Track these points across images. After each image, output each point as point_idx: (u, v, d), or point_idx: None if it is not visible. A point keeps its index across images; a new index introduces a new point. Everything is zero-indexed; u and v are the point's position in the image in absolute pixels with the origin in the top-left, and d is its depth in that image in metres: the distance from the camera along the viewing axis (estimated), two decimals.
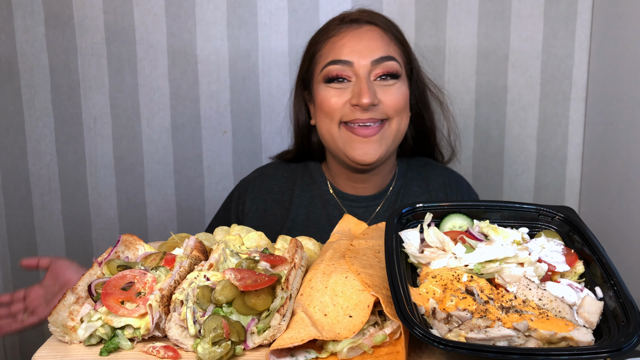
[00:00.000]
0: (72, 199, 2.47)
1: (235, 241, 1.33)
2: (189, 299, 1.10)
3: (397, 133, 1.71)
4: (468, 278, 1.09)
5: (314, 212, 1.80)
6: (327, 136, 1.72)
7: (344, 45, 1.67)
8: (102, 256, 1.29)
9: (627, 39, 2.03)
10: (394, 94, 1.67)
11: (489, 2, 2.28)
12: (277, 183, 1.85)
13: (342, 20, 1.73)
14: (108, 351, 1.10)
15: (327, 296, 1.14)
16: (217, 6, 2.32)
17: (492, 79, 2.34)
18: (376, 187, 1.81)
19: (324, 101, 1.69)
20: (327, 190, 1.83)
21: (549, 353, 0.93)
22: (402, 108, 1.70)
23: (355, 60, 1.65)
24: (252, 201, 1.84)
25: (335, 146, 1.72)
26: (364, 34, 1.69)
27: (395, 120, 1.69)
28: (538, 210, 1.31)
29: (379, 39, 1.69)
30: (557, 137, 2.37)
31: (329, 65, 1.68)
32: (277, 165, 1.92)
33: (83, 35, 2.35)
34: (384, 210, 1.79)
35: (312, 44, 1.77)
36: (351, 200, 1.81)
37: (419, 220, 1.30)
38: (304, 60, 1.81)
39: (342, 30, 1.71)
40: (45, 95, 2.39)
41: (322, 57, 1.72)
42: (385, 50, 1.68)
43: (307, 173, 1.86)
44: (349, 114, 1.66)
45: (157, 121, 2.42)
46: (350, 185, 1.81)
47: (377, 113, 1.66)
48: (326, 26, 1.76)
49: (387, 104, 1.66)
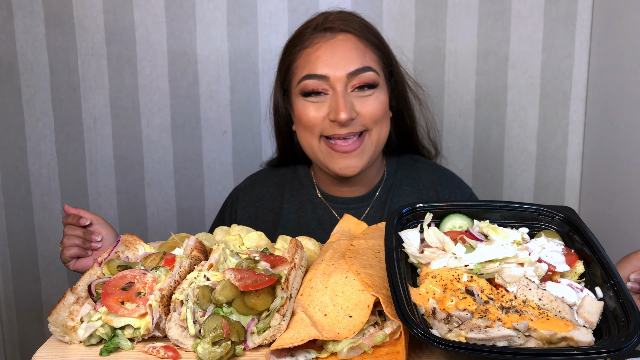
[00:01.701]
0: (72, 199, 2.47)
1: (235, 241, 1.33)
2: (189, 299, 1.10)
3: (377, 142, 1.70)
4: (468, 278, 1.09)
5: (304, 217, 1.81)
6: (308, 148, 1.72)
7: (319, 58, 1.63)
8: (102, 256, 1.29)
9: (627, 39, 2.03)
10: (371, 105, 1.65)
11: (489, 2, 2.28)
12: (267, 190, 1.86)
13: (316, 28, 1.69)
14: (108, 351, 1.10)
15: (327, 296, 1.14)
16: (217, 6, 2.32)
17: (492, 79, 2.34)
18: (364, 188, 1.81)
19: (302, 115, 1.67)
20: (315, 194, 1.83)
21: (549, 353, 0.93)
22: (381, 117, 1.68)
23: (331, 73, 1.62)
24: (243, 209, 1.85)
25: (316, 158, 1.72)
26: (338, 45, 1.65)
27: (375, 130, 1.68)
28: (538, 210, 1.31)
29: (354, 49, 1.65)
30: (557, 137, 2.37)
31: (304, 80, 1.65)
32: (267, 172, 1.92)
33: (83, 35, 2.35)
34: (374, 211, 1.79)
35: (287, 53, 1.73)
36: (340, 203, 1.80)
37: (419, 220, 1.30)
38: (280, 68, 1.77)
39: (316, 41, 1.66)
40: (45, 95, 2.39)
41: (297, 68, 1.69)
42: (361, 61, 1.64)
43: (295, 178, 1.87)
44: (328, 128, 1.65)
45: (157, 121, 2.42)
46: (337, 189, 1.81)
47: (356, 126, 1.65)
48: (300, 33, 1.71)
49: (365, 116, 1.65)
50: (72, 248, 1.55)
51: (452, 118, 2.38)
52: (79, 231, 1.56)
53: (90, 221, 1.57)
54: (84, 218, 1.57)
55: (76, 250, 1.55)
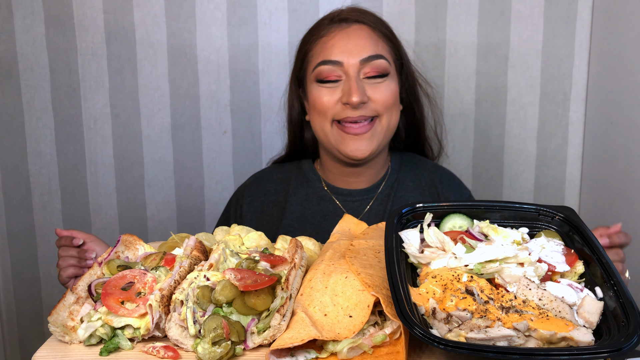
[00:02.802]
0: (72, 199, 2.47)
1: (235, 241, 1.33)
2: (189, 299, 1.10)
3: (387, 129, 1.76)
4: (468, 278, 1.09)
5: (309, 209, 1.84)
6: (321, 133, 1.78)
7: (334, 45, 1.72)
8: (102, 256, 1.29)
9: (627, 39, 2.03)
10: (383, 91, 1.71)
11: (489, 2, 2.28)
12: (273, 185, 1.90)
13: (332, 19, 1.77)
14: (108, 351, 1.10)
15: (327, 296, 1.14)
16: (217, 6, 2.32)
17: (492, 79, 2.34)
18: (369, 180, 1.85)
19: (316, 100, 1.74)
20: (321, 187, 1.87)
21: (549, 353, 0.93)
22: (392, 104, 1.74)
23: (345, 59, 1.69)
24: (249, 204, 1.88)
25: (328, 142, 1.77)
26: (352, 34, 1.73)
27: (386, 116, 1.74)
28: (538, 210, 1.31)
29: (367, 37, 1.73)
30: (557, 137, 2.37)
31: (320, 66, 1.72)
32: (272, 168, 1.97)
33: (83, 35, 2.35)
34: (378, 204, 1.83)
35: (304, 43, 1.82)
36: (345, 195, 1.84)
37: (419, 220, 1.30)
38: (296, 59, 1.85)
39: (332, 30, 1.75)
40: (45, 95, 2.39)
41: (313, 56, 1.76)
42: (374, 49, 1.71)
43: (300, 173, 1.91)
44: (340, 112, 1.71)
45: (157, 121, 2.42)
46: (343, 180, 1.86)
47: (368, 110, 1.71)
48: (317, 25, 1.80)
49: (376, 101, 1.71)
50: (68, 268, 1.56)
51: (452, 118, 2.38)
52: (73, 251, 1.57)
53: (83, 240, 1.58)
54: (76, 238, 1.58)
55: (73, 270, 1.56)
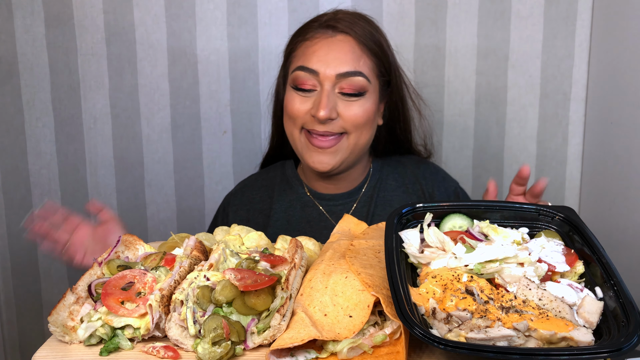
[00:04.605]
0: (72, 199, 2.47)
1: (235, 241, 1.34)
2: (189, 299, 1.10)
3: (355, 147, 1.72)
4: (468, 278, 1.09)
5: (294, 216, 1.83)
6: (290, 137, 1.77)
7: (314, 53, 1.67)
8: (102, 256, 1.29)
9: (627, 39, 2.03)
10: (354, 110, 1.67)
11: (489, 2, 2.28)
12: (257, 193, 1.89)
13: (321, 23, 1.72)
14: (108, 351, 1.10)
15: (327, 296, 1.14)
16: (217, 6, 2.32)
17: (492, 79, 2.34)
18: (350, 184, 1.84)
19: (288, 105, 1.72)
20: (304, 192, 1.86)
21: (549, 353, 0.93)
22: (363, 124, 1.69)
23: (322, 70, 1.65)
24: (234, 213, 1.88)
25: (296, 148, 1.77)
26: (334, 45, 1.67)
27: (354, 135, 1.70)
28: (538, 210, 1.31)
29: (350, 51, 1.67)
30: (557, 137, 2.37)
31: (297, 70, 1.69)
32: (257, 176, 1.96)
33: (83, 35, 2.35)
34: (362, 206, 1.82)
35: (291, 41, 1.79)
36: (327, 200, 1.84)
37: (419, 220, 1.30)
38: (284, 54, 1.82)
39: (317, 36, 1.70)
40: (45, 95, 2.39)
41: (295, 57, 1.73)
42: (354, 64, 1.66)
43: (284, 180, 1.90)
44: (309, 122, 1.68)
45: (157, 121, 2.42)
46: (323, 186, 1.85)
47: (335, 127, 1.67)
48: (306, 26, 1.76)
49: (346, 119, 1.67)
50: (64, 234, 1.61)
51: (452, 118, 2.38)
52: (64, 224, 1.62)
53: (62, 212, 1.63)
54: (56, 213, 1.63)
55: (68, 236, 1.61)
